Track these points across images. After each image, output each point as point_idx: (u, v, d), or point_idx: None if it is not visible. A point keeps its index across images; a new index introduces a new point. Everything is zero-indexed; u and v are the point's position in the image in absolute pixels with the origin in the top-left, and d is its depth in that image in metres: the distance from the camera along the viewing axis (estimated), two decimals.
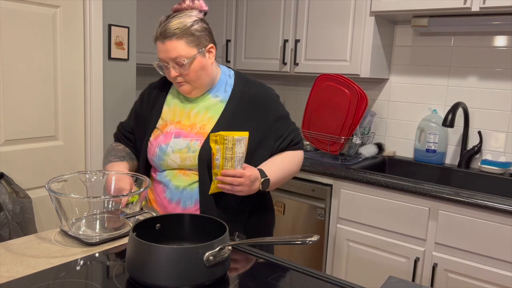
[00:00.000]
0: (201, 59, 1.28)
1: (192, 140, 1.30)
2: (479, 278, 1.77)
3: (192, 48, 1.26)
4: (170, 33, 1.23)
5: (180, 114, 1.36)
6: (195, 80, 1.29)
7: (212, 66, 1.33)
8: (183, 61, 1.25)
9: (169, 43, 1.24)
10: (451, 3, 1.98)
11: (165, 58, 1.27)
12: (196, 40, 1.26)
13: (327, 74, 2.34)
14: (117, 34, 2.27)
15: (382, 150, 2.52)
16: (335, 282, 0.95)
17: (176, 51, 1.24)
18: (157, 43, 1.27)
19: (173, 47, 1.24)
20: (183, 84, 1.30)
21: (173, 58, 1.25)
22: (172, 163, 1.31)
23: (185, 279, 0.85)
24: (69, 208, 1.14)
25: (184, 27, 1.24)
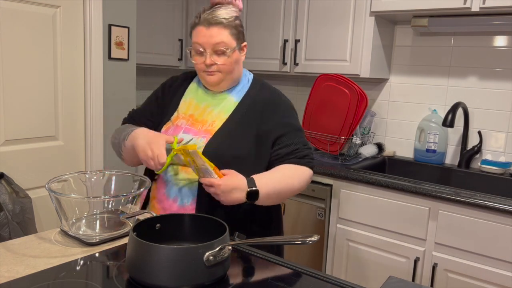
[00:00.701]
0: (237, 53, 1.32)
1: (199, 137, 1.29)
2: (479, 278, 1.77)
3: (233, 40, 1.29)
4: (218, 20, 1.26)
5: (195, 108, 1.36)
6: (229, 72, 1.31)
7: (242, 64, 1.37)
8: (225, 49, 1.27)
9: (215, 29, 1.26)
10: (451, 3, 1.98)
11: (205, 43, 1.26)
12: (238, 34, 1.30)
13: (327, 74, 2.34)
14: (117, 34, 2.27)
15: (382, 150, 2.52)
16: (335, 282, 0.95)
17: (220, 38, 1.26)
18: (198, 28, 1.27)
19: (217, 34, 1.25)
20: (214, 74, 1.30)
21: (215, 43, 1.26)
22: (175, 158, 1.29)
23: (185, 279, 0.85)
24: (69, 208, 1.14)
25: (231, 19, 1.28)
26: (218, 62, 1.28)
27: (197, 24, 1.28)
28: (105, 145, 2.28)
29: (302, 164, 1.32)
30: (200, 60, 1.30)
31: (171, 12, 2.95)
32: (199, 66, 1.31)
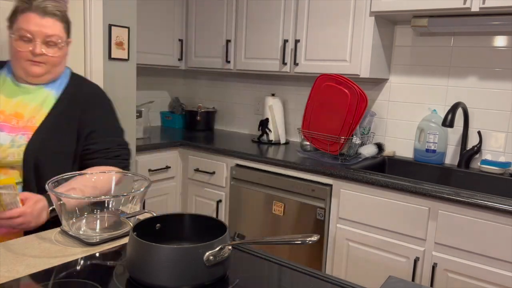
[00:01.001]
0: (66, 48, 1.31)
1: (18, 134, 1.24)
2: (479, 278, 1.77)
3: (65, 34, 1.29)
4: (52, 12, 1.23)
5: (5, 103, 1.27)
6: (56, 65, 1.29)
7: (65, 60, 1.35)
8: (59, 41, 1.25)
9: (50, 20, 1.23)
10: (451, 3, 1.98)
11: (37, 32, 1.21)
12: (68, 29, 1.30)
13: (327, 74, 2.34)
14: (117, 34, 2.27)
15: (382, 150, 2.52)
16: (335, 282, 0.95)
17: (55, 30, 1.24)
18: (30, 14, 1.21)
19: (52, 25, 1.23)
20: (40, 65, 1.25)
21: (49, 34, 1.23)
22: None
23: (185, 279, 0.85)
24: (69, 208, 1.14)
25: (64, 12, 1.27)
26: (49, 54, 1.25)
27: (28, 9, 1.21)
28: None
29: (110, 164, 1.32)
30: (25, 48, 1.23)
31: (171, 12, 2.95)
32: (24, 54, 1.23)
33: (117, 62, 2.30)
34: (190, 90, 3.56)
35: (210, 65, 2.97)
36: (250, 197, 2.43)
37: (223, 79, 3.34)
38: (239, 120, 3.29)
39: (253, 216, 2.43)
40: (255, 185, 2.41)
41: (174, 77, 3.50)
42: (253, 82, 3.17)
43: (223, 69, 2.90)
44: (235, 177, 2.49)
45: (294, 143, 2.86)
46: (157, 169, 2.64)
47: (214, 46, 2.92)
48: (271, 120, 2.82)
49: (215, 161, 2.60)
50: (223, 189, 2.60)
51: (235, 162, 2.51)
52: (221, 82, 3.36)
